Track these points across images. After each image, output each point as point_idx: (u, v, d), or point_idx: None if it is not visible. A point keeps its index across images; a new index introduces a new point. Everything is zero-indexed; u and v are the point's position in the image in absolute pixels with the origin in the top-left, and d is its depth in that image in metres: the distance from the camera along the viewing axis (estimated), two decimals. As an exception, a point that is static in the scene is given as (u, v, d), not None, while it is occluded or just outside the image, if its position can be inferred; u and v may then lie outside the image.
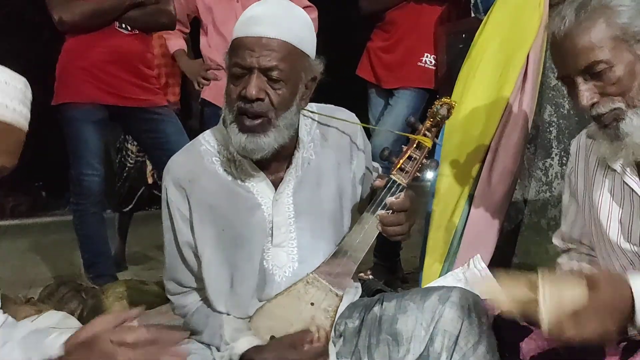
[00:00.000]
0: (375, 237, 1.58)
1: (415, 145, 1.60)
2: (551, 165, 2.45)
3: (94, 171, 3.05)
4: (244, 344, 1.54)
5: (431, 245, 2.44)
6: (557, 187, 2.42)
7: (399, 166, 1.58)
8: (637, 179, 1.48)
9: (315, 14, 3.20)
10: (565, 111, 2.40)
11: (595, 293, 1.20)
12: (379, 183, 1.59)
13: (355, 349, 1.62)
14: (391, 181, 1.57)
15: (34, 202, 10.25)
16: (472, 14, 2.76)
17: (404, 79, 3.23)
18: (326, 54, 1.63)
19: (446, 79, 2.91)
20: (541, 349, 1.50)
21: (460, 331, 1.50)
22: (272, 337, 1.56)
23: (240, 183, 1.63)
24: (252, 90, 1.49)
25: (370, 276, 3.11)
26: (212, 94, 3.30)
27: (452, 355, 1.50)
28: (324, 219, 1.65)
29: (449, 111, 1.61)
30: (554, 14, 1.46)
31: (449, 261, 2.39)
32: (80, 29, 2.97)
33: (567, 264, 1.70)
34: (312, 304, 1.57)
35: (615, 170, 1.51)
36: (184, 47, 3.54)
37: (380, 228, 1.56)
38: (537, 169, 2.49)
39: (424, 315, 1.53)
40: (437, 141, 1.65)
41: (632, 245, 1.50)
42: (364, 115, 2.75)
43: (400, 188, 1.56)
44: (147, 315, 2.77)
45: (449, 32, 3.02)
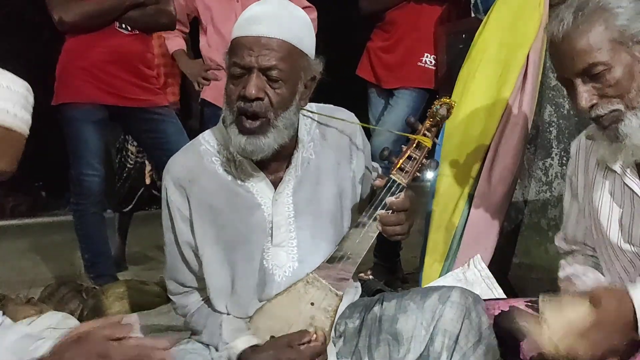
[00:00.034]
0: (375, 237, 1.58)
1: (414, 145, 1.59)
2: (551, 165, 2.44)
3: (94, 171, 3.06)
4: (242, 343, 1.54)
5: (431, 245, 2.44)
6: (557, 187, 2.42)
7: (398, 166, 1.58)
8: (638, 180, 1.48)
9: (314, 15, 3.19)
10: (565, 111, 2.40)
11: (599, 310, 1.22)
12: (378, 183, 1.59)
13: (355, 349, 1.62)
14: (391, 181, 1.56)
15: (34, 202, 10.26)
16: (472, 14, 2.75)
17: (404, 79, 3.23)
18: (326, 54, 1.63)
19: (446, 79, 2.91)
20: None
21: (460, 331, 1.50)
22: (271, 337, 1.55)
23: (240, 183, 1.63)
24: (251, 89, 1.49)
25: (370, 276, 3.12)
26: (212, 94, 3.29)
27: (452, 355, 1.50)
28: (323, 218, 1.65)
29: (449, 111, 1.61)
30: (552, 16, 1.46)
31: (449, 261, 2.39)
32: (80, 29, 2.97)
33: (571, 267, 1.69)
34: (312, 303, 1.57)
35: (616, 172, 1.51)
36: (183, 47, 3.53)
37: (380, 228, 1.56)
38: (537, 169, 2.49)
39: (424, 315, 1.53)
40: (436, 141, 1.65)
41: (632, 246, 1.49)
42: (364, 115, 2.75)
43: (400, 188, 1.56)
44: (147, 315, 2.78)
45: (449, 32, 3.02)
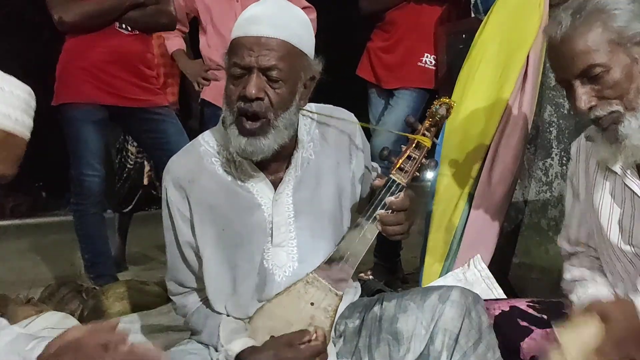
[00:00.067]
0: (374, 237, 1.58)
1: (414, 145, 1.60)
2: (551, 165, 2.44)
3: (94, 171, 3.06)
4: (238, 345, 1.53)
5: (431, 245, 2.44)
6: (557, 187, 2.42)
7: (398, 166, 1.58)
8: (638, 181, 1.48)
9: (314, 15, 3.19)
10: (565, 111, 2.40)
11: (609, 325, 1.23)
12: (378, 183, 1.59)
13: (355, 348, 1.62)
14: (390, 181, 1.56)
15: (34, 202, 10.26)
16: (472, 14, 2.75)
17: (404, 79, 3.23)
18: (326, 54, 1.63)
19: (446, 79, 2.91)
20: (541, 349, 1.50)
21: (460, 330, 1.50)
22: (271, 337, 1.55)
23: (240, 183, 1.63)
24: (251, 89, 1.49)
25: (370, 276, 3.12)
26: (212, 94, 3.29)
27: (452, 354, 1.50)
28: (323, 218, 1.65)
29: (448, 111, 1.61)
30: (550, 18, 1.46)
31: (449, 261, 2.38)
32: (81, 29, 2.97)
33: (577, 270, 1.68)
34: (312, 303, 1.56)
35: (616, 173, 1.51)
36: (183, 47, 3.53)
37: (380, 228, 1.56)
38: (537, 169, 2.49)
39: (424, 315, 1.53)
40: (436, 141, 1.65)
41: (632, 247, 1.49)
42: (364, 115, 2.75)
43: (399, 188, 1.56)
44: (147, 315, 2.78)
45: (449, 32, 3.02)
